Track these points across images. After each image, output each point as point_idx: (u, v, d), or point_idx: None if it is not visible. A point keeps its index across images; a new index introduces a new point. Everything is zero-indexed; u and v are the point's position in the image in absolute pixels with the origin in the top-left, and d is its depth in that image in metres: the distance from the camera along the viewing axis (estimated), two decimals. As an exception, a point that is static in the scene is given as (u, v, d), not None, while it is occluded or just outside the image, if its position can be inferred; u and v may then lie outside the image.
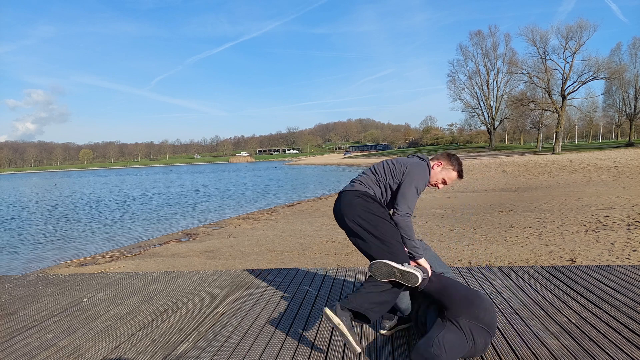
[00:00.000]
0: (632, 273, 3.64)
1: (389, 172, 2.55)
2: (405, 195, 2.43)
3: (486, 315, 2.24)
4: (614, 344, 2.35)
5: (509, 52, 59.30)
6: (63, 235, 12.11)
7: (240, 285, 3.97)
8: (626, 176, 15.93)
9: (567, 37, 41.01)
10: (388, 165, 2.59)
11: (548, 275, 3.73)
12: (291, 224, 10.71)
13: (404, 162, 2.57)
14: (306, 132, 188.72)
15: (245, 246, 8.19)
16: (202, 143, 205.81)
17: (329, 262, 6.41)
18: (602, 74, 40.48)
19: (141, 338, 2.86)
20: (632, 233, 6.57)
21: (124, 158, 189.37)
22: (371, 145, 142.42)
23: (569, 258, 5.49)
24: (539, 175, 19.84)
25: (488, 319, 2.24)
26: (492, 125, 63.91)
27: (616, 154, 29.61)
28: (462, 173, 2.68)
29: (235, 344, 2.68)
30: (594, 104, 71.05)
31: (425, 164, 2.58)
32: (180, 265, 6.95)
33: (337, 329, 2.30)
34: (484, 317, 2.22)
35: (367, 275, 3.97)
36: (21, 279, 4.76)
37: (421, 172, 2.51)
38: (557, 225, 7.74)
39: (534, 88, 46.16)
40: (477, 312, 2.22)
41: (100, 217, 16.15)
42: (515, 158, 36.23)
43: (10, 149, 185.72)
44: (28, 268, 8.33)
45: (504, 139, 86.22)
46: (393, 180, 2.53)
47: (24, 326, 3.22)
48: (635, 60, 47.67)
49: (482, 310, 2.24)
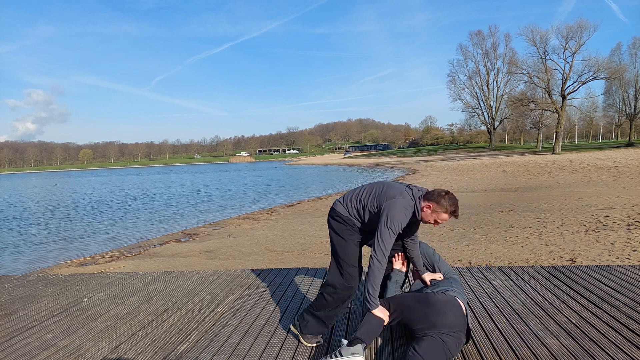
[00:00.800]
0: (632, 273, 3.64)
1: (372, 198, 2.53)
2: (381, 237, 2.38)
3: (442, 317, 2.28)
4: (614, 344, 2.35)
5: (509, 52, 59.42)
6: (63, 235, 12.11)
7: (240, 285, 3.98)
8: (626, 176, 15.93)
9: (567, 37, 41.09)
10: (374, 190, 2.57)
11: (548, 275, 3.73)
12: (291, 224, 10.71)
13: (388, 194, 2.47)
14: (306, 132, 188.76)
15: (245, 246, 8.19)
16: (202, 143, 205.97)
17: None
18: (602, 74, 40.53)
19: (141, 338, 2.86)
20: (632, 233, 6.57)
21: (124, 158, 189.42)
22: (371, 145, 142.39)
23: (569, 258, 5.49)
24: (539, 175, 19.84)
25: (447, 321, 2.28)
26: (492, 125, 63.93)
27: (616, 154, 29.62)
28: (456, 214, 2.43)
29: (235, 344, 2.68)
30: (594, 104, 71.13)
31: (408, 202, 2.42)
32: (181, 265, 6.95)
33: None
34: (442, 322, 2.27)
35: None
36: (21, 279, 4.76)
37: (397, 214, 2.36)
38: (557, 225, 7.74)
39: (534, 88, 46.22)
40: (435, 321, 2.28)
41: (100, 217, 16.15)
42: (515, 158, 36.25)
43: (10, 149, 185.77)
44: (28, 268, 8.33)
45: (504, 139, 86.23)
46: (373, 206, 2.52)
47: (24, 326, 3.22)
48: (635, 60, 47.74)
49: (438, 315, 2.29)
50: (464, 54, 65.28)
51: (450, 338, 2.26)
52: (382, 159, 72.43)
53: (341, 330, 2.82)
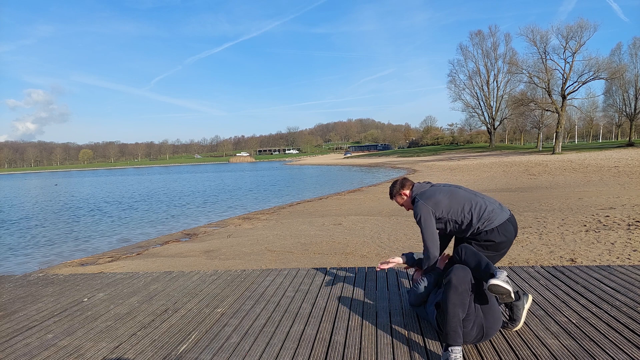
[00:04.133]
0: (633, 273, 3.63)
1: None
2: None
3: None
4: (614, 344, 2.35)
5: (509, 52, 59.42)
6: (63, 235, 12.11)
7: (240, 285, 3.97)
8: (626, 176, 15.92)
9: (568, 37, 41.07)
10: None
11: (548, 275, 3.73)
12: (291, 224, 10.70)
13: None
14: (306, 132, 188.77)
15: (245, 246, 8.19)
16: (202, 143, 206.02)
17: (329, 262, 6.41)
18: (602, 74, 40.50)
19: (141, 338, 2.86)
20: (632, 233, 6.57)
21: (124, 158, 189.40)
22: (371, 145, 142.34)
23: (569, 258, 5.49)
24: (539, 175, 19.83)
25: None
26: (492, 125, 63.91)
27: (616, 154, 29.61)
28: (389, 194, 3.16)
29: (235, 344, 2.68)
30: (594, 104, 71.15)
31: (417, 202, 2.91)
32: (181, 265, 6.95)
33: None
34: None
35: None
36: (21, 279, 4.76)
37: (417, 210, 2.85)
38: (558, 225, 7.74)
39: (534, 88, 46.19)
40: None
41: (100, 217, 16.15)
42: (516, 158, 36.24)
43: (10, 148, 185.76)
44: (28, 268, 8.33)
45: (504, 139, 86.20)
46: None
47: (24, 326, 3.22)
48: (636, 60, 47.75)
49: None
50: (464, 54, 65.34)
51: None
52: (382, 159, 72.42)
53: (342, 329, 2.81)
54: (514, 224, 2.70)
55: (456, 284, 2.26)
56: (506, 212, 2.70)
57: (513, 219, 2.73)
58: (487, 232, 2.64)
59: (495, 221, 2.63)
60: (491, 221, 2.63)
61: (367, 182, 27.06)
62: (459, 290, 2.25)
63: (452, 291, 2.26)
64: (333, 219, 10.95)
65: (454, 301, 2.24)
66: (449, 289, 2.29)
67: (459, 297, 2.25)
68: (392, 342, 2.57)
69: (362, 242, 7.77)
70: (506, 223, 2.65)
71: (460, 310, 2.25)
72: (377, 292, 3.51)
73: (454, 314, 2.23)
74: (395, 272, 4.06)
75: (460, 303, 2.25)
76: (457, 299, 2.24)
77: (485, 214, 2.65)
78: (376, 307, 3.17)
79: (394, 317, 2.96)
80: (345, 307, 3.22)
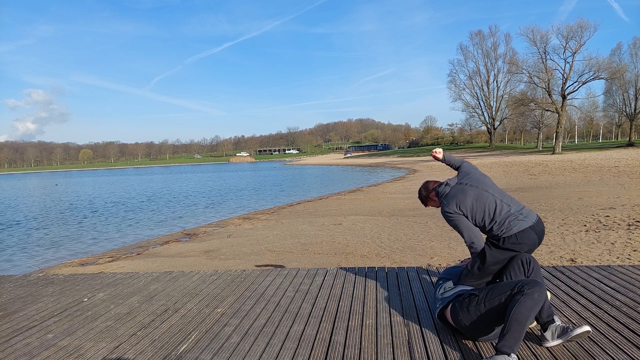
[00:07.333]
0: (633, 273, 3.63)
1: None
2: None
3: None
4: (614, 344, 2.35)
5: (510, 52, 59.51)
6: (63, 236, 12.12)
7: (240, 285, 3.97)
8: (627, 176, 15.92)
9: (568, 37, 41.11)
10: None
11: (548, 275, 3.72)
12: (291, 224, 10.71)
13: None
14: (306, 132, 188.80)
15: (245, 246, 8.19)
16: (202, 143, 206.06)
17: (329, 262, 6.41)
18: (602, 74, 40.55)
19: (141, 338, 2.86)
20: (632, 233, 6.57)
21: (124, 158, 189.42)
22: (371, 145, 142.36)
23: (569, 258, 5.49)
24: (540, 175, 19.83)
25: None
26: (493, 125, 63.94)
27: (616, 154, 29.62)
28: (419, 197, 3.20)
29: (235, 344, 2.68)
30: (594, 104, 71.22)
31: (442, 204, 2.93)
32: (181, 265, 6.96)
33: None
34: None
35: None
36: (21, 279, 4.76)
37: (443, 214, 2.88)
38: (558, 225, 7.74)
39: (534, 88, 46.23)
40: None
41: (100, 217, 16.15)
42: (516, 158, 36.25)
43: (10, 148, 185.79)
44: (28, 268, 8.33)
45: (504, 139, 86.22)
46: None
47: (24, 326, 3.23)
48: (636, 60, 47.79)
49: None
50: (464, 54, 65.41)
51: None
52: (382, 159, 72.45)
53: (342, 330, 2.81)
54: (537, 231, 2.66)
55: (534, 292, 2.25)
56: (530, 218, 2.67)
57: (538, 225, 2.68)
58: (505, 239, 2.64)
59: (514, 228, 2.62)
60: (510, 228, 2.63)
61: (367, 182, 27.08)
62: (534, 296, 2.25)
63: (529, 298, 2.24)
64: (333, 219, 10.96)
65: (530, 305, 2.23)
66: (528, 297, 2.25)
67: (534, 302, 2.25)
68: (392, 342, 2.57)
69: (362, 242, 7.78)
70: (527, 230, 2.62)
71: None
72: (377, 292, 3.51)
73: (530, 321, 2.24)
74: (395, 272, 4.07)
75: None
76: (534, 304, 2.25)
77: (506, 222, 2.64)
78: (376, 307, 3.17)
79: (394, 317, 2.97)
80: (346, 307, 3.22)
